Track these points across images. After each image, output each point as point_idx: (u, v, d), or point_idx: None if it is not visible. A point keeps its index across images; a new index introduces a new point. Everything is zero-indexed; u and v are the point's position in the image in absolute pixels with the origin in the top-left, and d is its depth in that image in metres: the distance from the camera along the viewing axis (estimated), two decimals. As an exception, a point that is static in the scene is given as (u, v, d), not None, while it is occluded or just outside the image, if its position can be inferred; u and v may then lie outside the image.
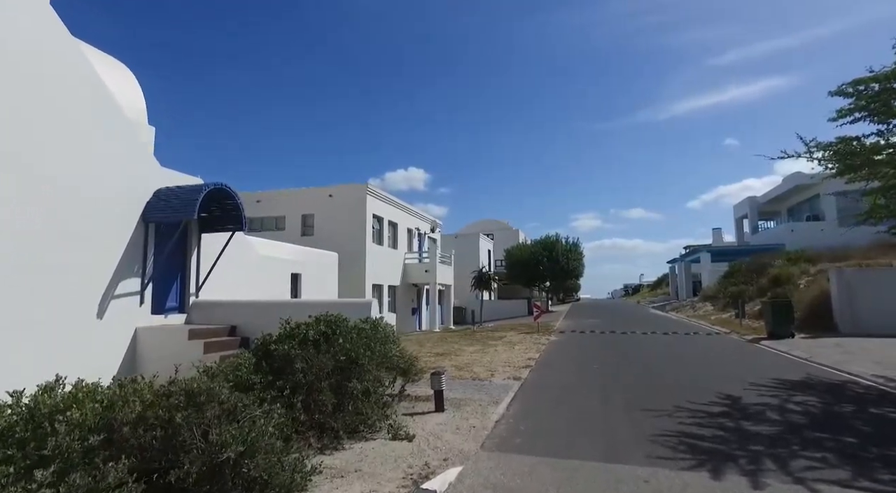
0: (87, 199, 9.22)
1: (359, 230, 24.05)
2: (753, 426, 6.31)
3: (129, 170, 10.39)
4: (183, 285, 12.09)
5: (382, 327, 8.07)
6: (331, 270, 20.19)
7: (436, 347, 16.42)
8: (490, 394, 8.69)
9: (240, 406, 4.26)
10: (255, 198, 25.77)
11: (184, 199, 10.63)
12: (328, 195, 24.67)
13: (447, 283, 31.23)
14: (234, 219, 12.24)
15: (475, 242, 42.60)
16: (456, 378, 10.42)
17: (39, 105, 8.33)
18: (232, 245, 13.34)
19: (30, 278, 7.95)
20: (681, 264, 45.74)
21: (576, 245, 44.20)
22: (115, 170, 9.96)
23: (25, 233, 7.94)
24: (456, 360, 13.18)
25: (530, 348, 15.32)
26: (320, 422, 5.69)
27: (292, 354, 5.53)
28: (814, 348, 13.39)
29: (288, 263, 16.31)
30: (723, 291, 28.36)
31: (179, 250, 12.02)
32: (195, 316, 12.00)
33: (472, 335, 20.42)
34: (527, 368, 11.59)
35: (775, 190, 38.74)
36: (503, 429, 6.46)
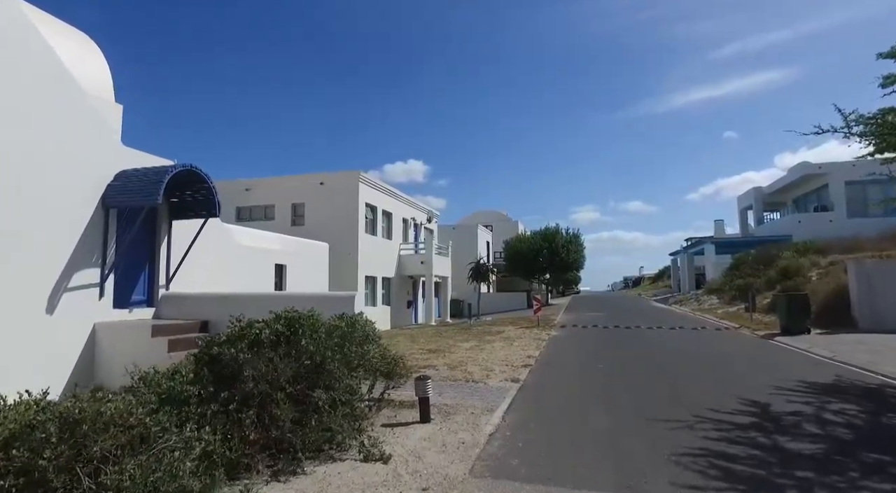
0: (32, 180, 8.20)
1: (351, 220, 23.04)
2: (793, 442, 5.35)
3: (86, 149, 9.36)
4: (152, 276, 11.10)
5: (361, 325, 7.10)
6: (320, 261, 19.21)
7: (429, 342, 15.47)
8: (484, 399, 7.73)
9: (155, 431, 3.29)
10: (243, 186, 24.72)
11: (147, 181, 9.61)
12: (319, 183, 23.62)
13: (444, 275, 30.26)
14: (206, 205, 11.22)
15: (473, 233, 41.58)
16: (448, 380, 9.47)
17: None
18: (208, 234, 12.33)
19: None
20: (683, 257, 44.76)
21: (576, 236, 43.21)
22: (67, 148, 8.93)
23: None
24: (449, 358, 12.24)
25: (530, 345, 14.38)
26: (277, 440, 4.73)
27: (240, 359, 4.55)
28: (835, 345, 12.44)
29: (272, 253, 15.32)
30: (728, 283, 27.40)
31: (147, 239, 11.03)
32: (165, 310, 11.02)
33: (469, 330, 19.48)
34: (526, 367, 10.64)
35: (781, 180, 37.69)
36: (498, 446, 5.50)
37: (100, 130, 9.76)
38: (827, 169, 33.15)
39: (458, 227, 43.30)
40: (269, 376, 4.81)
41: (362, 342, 6.86)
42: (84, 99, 9.49)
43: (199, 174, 10.63)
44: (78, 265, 9.05)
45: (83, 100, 9.45)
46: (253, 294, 10.97)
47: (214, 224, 12.77)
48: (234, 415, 4.43)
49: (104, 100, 11.60)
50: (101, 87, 11.61)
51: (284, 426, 4.68)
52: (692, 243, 43.82)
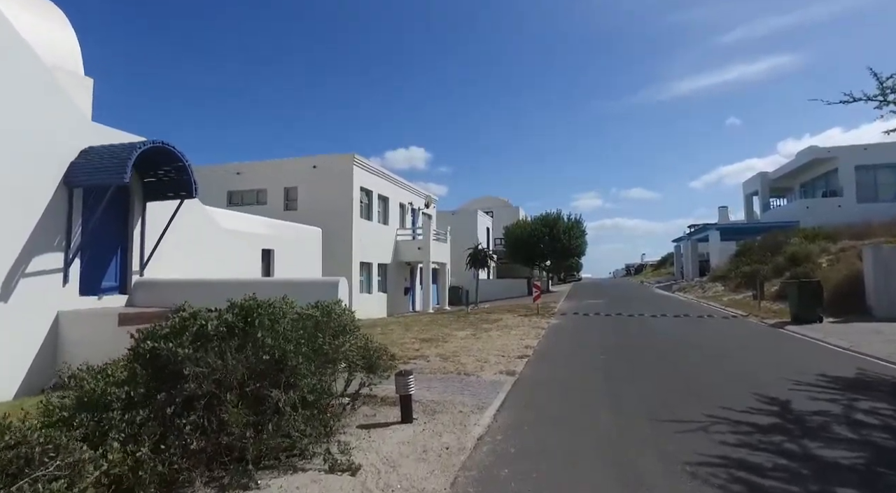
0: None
1: (345, 204, 22.29)
2: (825, 449, 4.67)
3: (46, 124, 8.62)
4: (124, 261, 10.42)
5: (338, 314, 6.41)
6: (312, 246, 18.51)
7: (423, 331, 14.81)
8: (476, 395, 7.06)
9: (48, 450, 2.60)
10: (235, 169, 23.94)
11: (114, 158, 8.89)
12: (312, 166, 22.84)
13: (442, 261, 29.58)
14: (182, 185, 10.49)
15: (473, 218, 40.81)
16: (438, 372, 8.80)
17: None
18: (187, 217, 11.63)
19: None
20: (687, 243, 43.96)
21: (578, 222, 42.38)
22: (24, 123, 8.18)
23: None
24: (443, 347, 11.57)
25: (528, 334, 13.71)
26: (229, 448, 4.06)
27: (180, 355, 3.85)
28: (851, 335, 11.73)
29: (258, 238, 14.62)
30: (734, 270, 26.66)
31: (119, 221, 10.33)
32: (139, 297, 10.36)
33: (465, 318, 18.82)
34: (523, 358, 9.97)
35: (788, 165, 36.73)
36: (486, 452, 4.83)
37: (63, 105, 9.01)
38: (836, 153, 32.21)
39: (458, 212, 42.52)
40: (219, 375, 4.12)
41: (338, 333, 6.18)
42: (44, 70, 8.71)
43: (173, 152, 9.88)
44: (38, 249, 8.36)
45: (43, 71, 8.68)
46: (231, 280, 10.29)
47: (194, 206, 12.07)
48: (172, 420, 3.75)
49: (72, 72, 10.84)
50: (68, 58, 10.82)
51: (236, 432, 4.00)
52: (696, 230, 43.01)
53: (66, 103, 9.12)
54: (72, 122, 9.14)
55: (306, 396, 4.76)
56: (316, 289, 9.40)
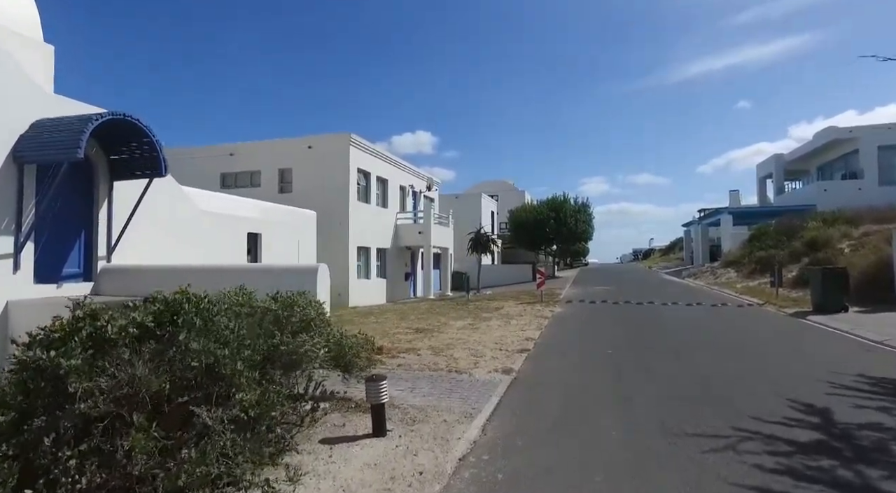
0: None
1: (341, 186, 21.34)
2: (892, 481, 3.75)
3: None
4: (88, 246, 9.57)
5: (302, 306, 5.53)
6: (306, 230, 17.63)
7: (419, 320, 13.97)
8: (465, 399, 6.19)
9: None
10: (228, 150, 23.00)
11: (67, 131, 7.97)
12: (307, 147, 21.85)
13: (444, 246, 28.66)
14: (151, 162, 9.59)
15: (477, 202, 39.77)
16: (427, 369, 7.94)
17: None
18: (162, 198, 10.78)
19: None
20: (697, 228, 42.76)
21: (585, 206, 41.20)
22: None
23: None
24: (436, 339, 10.72)
25: (530, 324, 12.83)
26: (140, 480, 3.21)
27: (64, 367, 2.98)
28: (884, 326, 10.74)
29: (243, 221, 13.74)
30: (748, 256, 25.58)
31: (82, 202, 9.46)
32: (106, 285, 9.54)
33: (465, 306, 17.96)
34: (522, 353, 9.09)
35: (805, 146, 35.30)
36: (468, 480, 3.95)
37: (9, 71, 8.09)
38: (858, 133, 30.77)
39: (462, 196, 41.50)
40: (126, 390, 3.25)
41: (300, 330, 5.31)
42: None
43: (137, 125, 8.96)
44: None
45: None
46: (203, 266, 9.43)
47: (169, 187, 11.19)
48: (53, 453, 2.89)
49: (28, 38, 9.90)
50: (23, 23, 9.87)
51: (141, 461, 3.14)
52: (707, 214, 41.77)
53: (16, 72, 8.21)
54: (21, 91, 8.22)
55: (247, 411, 3.89)
56: (293, 277, 8.53)
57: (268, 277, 8.72)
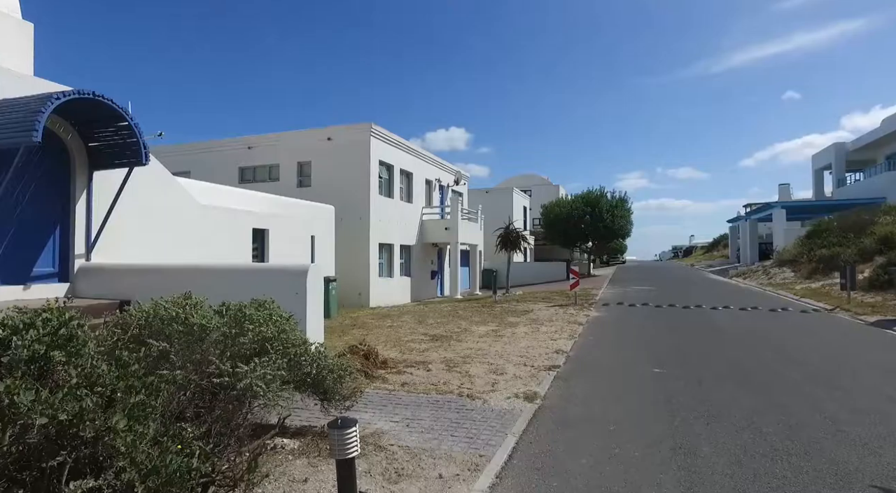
0: None
1: (361, 179, 20.18)
2: None
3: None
4: (65, 242, 8.65)
5: (259, 322, 4.27)
6: (321, 225, 16.57)
7: (437, 325, 12.65)
8: (473, 439, 4.83)
9: None
10: (246, 143, 22.19)
11: (23, 112, 6.99)
12: (327, 138, 20.79)
13: (473, 242, 27.24)
14: (130, 149, 8.57)
15: (508, 197, 38.11)
16: (434, 390, 6.61)
17: None
18: (153, 190, 9.83)
19: None
20: (745, 224, 39.93)
21: (622, 201, 39.00)
22: None
23: None
24: (453, 349, 9.38)
25: (561, 332, 11.32)
26: None
27: None
28: None
29: (248, 215, 12.71)
30: (806, 254, 23.18)
31: (56, 194, 8.52)
32: (84, 286, 8.60)
33: (491, 308, 16.52)
34: (551, 370, 7.65)
35: (871, 134, 32.24)
36: None
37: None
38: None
39: (493, 191, 39.88)
40: None
41: (251, 354, 4.06)
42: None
43: (110, 106, 7.91)
44: (-74, 227, 6.59)
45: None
46: (182, 266, 8.36)
47: (161, 178, 10.21)
48: None
49: (4, 14, 9.04)
50: None
51: None
52: (756, 209, 38.89)
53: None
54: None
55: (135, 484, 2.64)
56: (280, 278, 7.35)
57: (253, 278, 7.57)
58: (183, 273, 8.10)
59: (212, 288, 7.56)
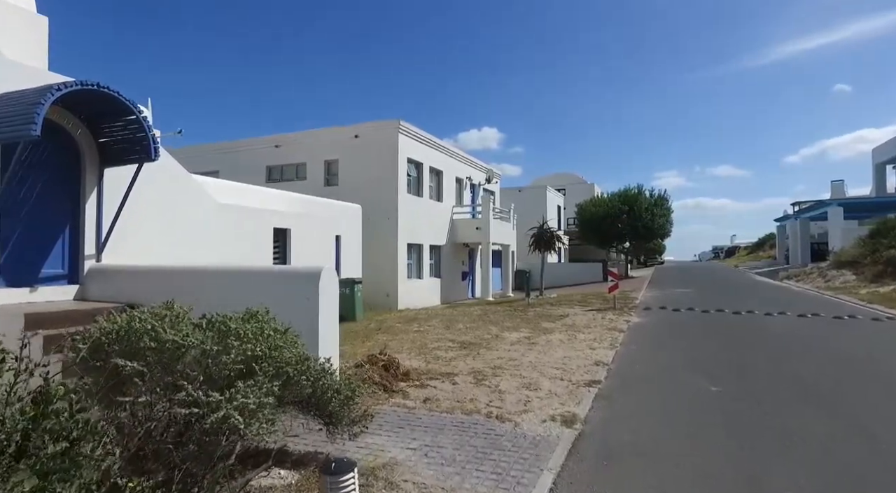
0: None
1: (389, 178, 19.63)
2: None
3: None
4: (74, 242, 8.27)
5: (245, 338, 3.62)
6: (347, 225, 16.06)
7: (467, 330, 11.89)
8: (501, 476, 4.07)
9: None
10: (274, 142, 21.96)
11: (22, 104, 6.59)
12: (354, 136, 20.33)
13: (505, 242, 26.37)
14: (140, 144, 8.14)
15: (542, 195, 37.03)
16: (459, 409, 5.86)
17: None
18: (169, 187, 9.43)
19: None
20: (794, 223, 37.69)
21: (662, 199, 37.30)
22: None
23: None
24: (482, 358, 8.61)
25: (601, 339, 10.40)
26: None
27: None
28: None
29: (269, 214, 12.24)
30: (869, 255, 21.39)
31: (66, 192, 8.15)
32: (94, 289, 8.21)
33: (524, 312, 15.65)
34: (591, 386, 6.79)
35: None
36: None
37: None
38: None
39: (526, 190, 38.81)
40: None
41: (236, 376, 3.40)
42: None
43: (117, 99, 7.47)
44: (-76, 226, 6.25)
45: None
46: (187, 268, 7.86)
47: (176, 176, 9.80)
48: None
49: (18, 8, 8.77)
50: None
51: None
52: (808, 207, 36.59)
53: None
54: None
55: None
56: (290, 282, 6.73)
57: (261, 281, 6.99)
58: (189, 276, 7.60)
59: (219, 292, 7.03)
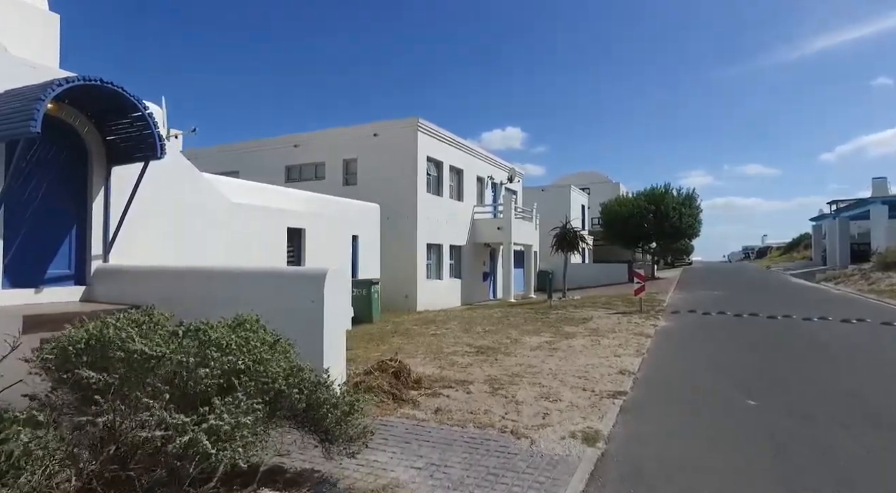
0: None
1: (408, 177, 19.30)
2: None
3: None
4: (81, 242, 8.11)
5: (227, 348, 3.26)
6: (364, 225, 15.76)
7: (485, 334, 11.43)
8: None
9: None
10: (292, 141, 21.85)
11: (22, 100, 6.41)
12: (372, 134, 20.06)
13: (528, 243, 25.82)
14: (146, 142, 7.92)
15: (565, 195, 36.30)
16: (472, 421, 5.43)
17: None
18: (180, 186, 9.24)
19: None
20: (832, 222, 36.06)
21: (690, 198, 36.07)
22: None
23: None
24: (500, 365, 8.15)
25: (627, 345, 9.82)
26: None
27: None
28: None
29: (283, 214, 11.99)
30: (916, 256, 20.15)
31: (73, 190, 7.98)
32: (101, 290, 8.03)
33: (545, 315, 15.09)
34: (616, 398, 6.28)
35: None
36: None
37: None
38: None
39: (549, 188, 38.11)
40: None
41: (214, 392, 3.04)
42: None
43: (121, 95, 7.26)
44: (-76, 225, 6.11)
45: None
46: (192, 269, 7.58)
47: (187, 174, 9.61)
48: None
49: (29, 5, 8.67)
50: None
51: None
52: (847, 206, 34.98)
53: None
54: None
55: None
56: (295, 284, 6.39)
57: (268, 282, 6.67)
58: (193, 277, 7.34)
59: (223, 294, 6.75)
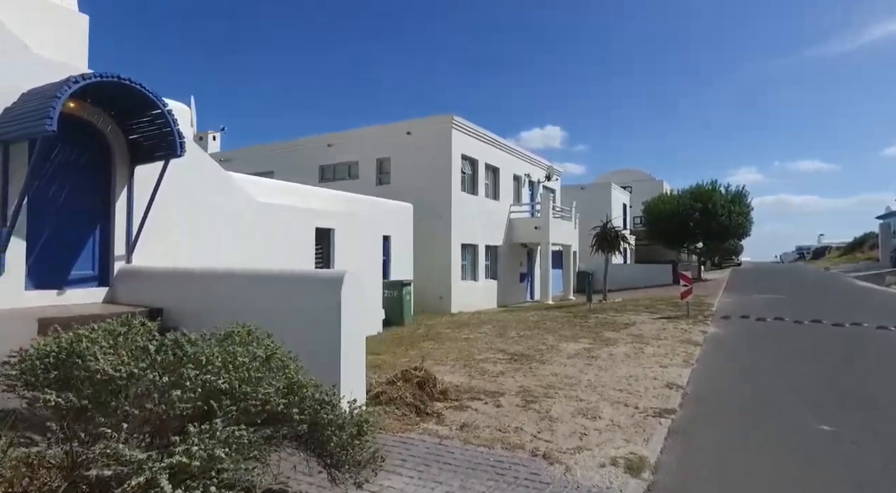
0: None
1: (442, 175, 18.84)
2: None
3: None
4: (105, 243, 8.01)
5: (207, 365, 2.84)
6: (397, 225, 15.42)
7: (520, 339, 10.83)
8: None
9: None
10: (326, 141, 21.76)
11: (39, 99, 6.30)
12: (406, 133, 19.70)
13: (566, 243, 24.93)
14: (166, 140, 7.74)
15: (606, 193, 35.01)
16: (499, 441, 4.89)
17: None
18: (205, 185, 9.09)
19: None
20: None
21: (740, 195, 34.20)
22: None
23: None
24: (534, 375, 7.57)
25: (673, 354, 9.03)
26: None
27: None
28: None
29: (311, 213, 11.71)
30: None
31: (96, 190, 7.90)
32: (123, 291, 7.91)
33: (585, 319, 14.31)
34: (664, 417, 5.60)
35: None
36: None
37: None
38: None
39: (589, 187, 36.91)
40: None
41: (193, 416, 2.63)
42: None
43: (141, 92, 7.09)
44: (-55, 226, 6.05)
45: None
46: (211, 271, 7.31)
47: (211, 173, 9.44)
48: None
49: (59, 6, 8.66)
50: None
51: None
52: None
53: (5, 36, 6.77)
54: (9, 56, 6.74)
55: None
56: (311, 287, 6.00)
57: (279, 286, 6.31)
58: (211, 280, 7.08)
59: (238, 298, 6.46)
